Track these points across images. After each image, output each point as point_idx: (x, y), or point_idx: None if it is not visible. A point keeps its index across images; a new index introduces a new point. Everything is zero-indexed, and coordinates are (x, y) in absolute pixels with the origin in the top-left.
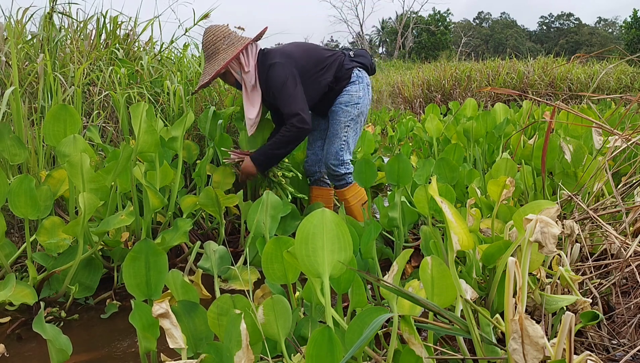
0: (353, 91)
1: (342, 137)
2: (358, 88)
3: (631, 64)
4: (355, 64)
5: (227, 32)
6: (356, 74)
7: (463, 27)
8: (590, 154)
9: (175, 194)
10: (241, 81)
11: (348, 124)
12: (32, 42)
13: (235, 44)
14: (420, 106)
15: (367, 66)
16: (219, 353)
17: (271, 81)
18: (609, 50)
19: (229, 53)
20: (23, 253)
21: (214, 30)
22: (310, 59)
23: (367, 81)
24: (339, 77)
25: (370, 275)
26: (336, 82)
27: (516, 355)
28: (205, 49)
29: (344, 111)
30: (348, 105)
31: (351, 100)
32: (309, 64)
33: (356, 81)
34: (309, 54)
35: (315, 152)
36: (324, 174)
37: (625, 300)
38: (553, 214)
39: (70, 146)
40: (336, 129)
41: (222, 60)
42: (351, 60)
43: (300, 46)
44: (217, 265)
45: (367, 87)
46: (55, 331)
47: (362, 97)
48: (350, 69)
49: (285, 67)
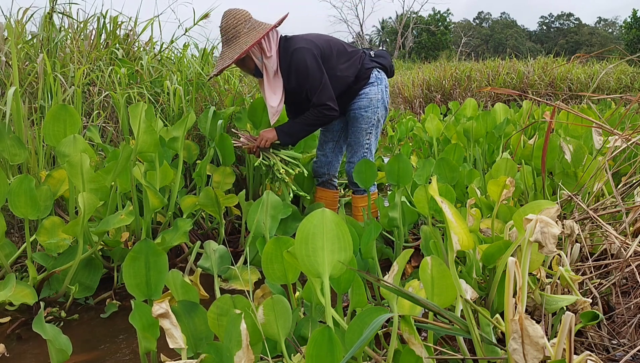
0: (372, 94)
1: (364, 145)
2: (377, 90)
3: (631, 64)
4: (375, 64)
5: (247, 16)
6: (375, 75)
7: (463, 27)
8: (590, 154)
9: (176, 194)
10: (262, 68)
11: (370, 131)
12: (32, 42)
13: (257, 29)
14: (420, 106)
15: (386, 68)
16: (219, 353)
17: (295, 66)
18: (609, 50)
19: (251, 37)
20: (23, 253)
21: (234, 13)
22: (332, 50)
23: (386, 83)
24: (359, 76)
25: (370, 275)
26: (355, 81)
27: (516, 355)
28: (224, 32)
29: (364, 117)
30: (368, 110)
31: (370, 104)
32: (332, 55)
33: (375, 82)
34: (332, 45)
35: (326, 154)
36: (332, 176)
37: (625, 300)
38: (553, 214)
39: (70, 146)
40: (358, 137)
41: (244, 44)
42: (371, 60)
43: (322, 37)
44: (217, 264)
45: (385, 89)
46: (55, 331)
47: (381, 100)
48: (370, 69)
49: (310, 53)
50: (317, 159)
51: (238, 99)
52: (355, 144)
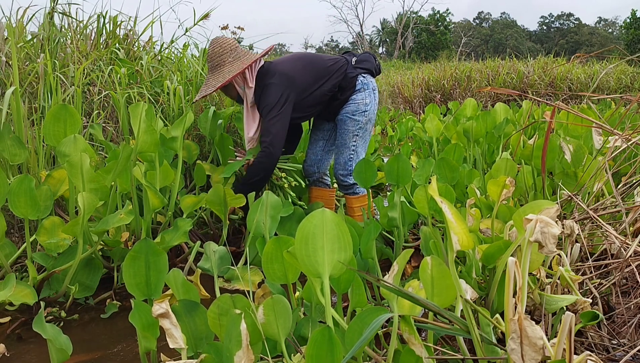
0: (359, 99)
1: (350, 147)
2: (364, 96)
3: (631, 64)
4: (359, 70)
5: (234, 45)
6: (361, 81)
7: (463, 27)
8: (590, 154)
9: (176, 194)
10: (243, 96)
11: (357, 133)
12: (33, 42)
13: (242, 59)
14: (420, 106)
15: (371, 71)
16: (219, 353)
17: (262, 102)
18: (609, 50)
19: (235, 67)
20: (23, 253)
21: (220, 42)
22: (310, 74)
23: (373, 86)
24: (344, 86)
25: (370, 275)
26: (341, 91)
27: (514, 355)
28: (210, 60)
29: (352, 120)
30: (356, 114)
31: (358, 108)
32: (309, 81)
33: (361, 88)
34: (310, 69)
35: (316, 152)
36: (322, 174)
37: (625, 300)
38: (553, 214)
39: (70, 146)
40: (345, 139)
41: (227, 73)
42: (355, 67)
43: (302, 60)
44: (217, 265)
45: (373, 92)
46: (55, 331)
47: (369, 104)
48: (355, 77)
49: (278, 90)
50: (307, 158)
51: None
52: (342, 146)
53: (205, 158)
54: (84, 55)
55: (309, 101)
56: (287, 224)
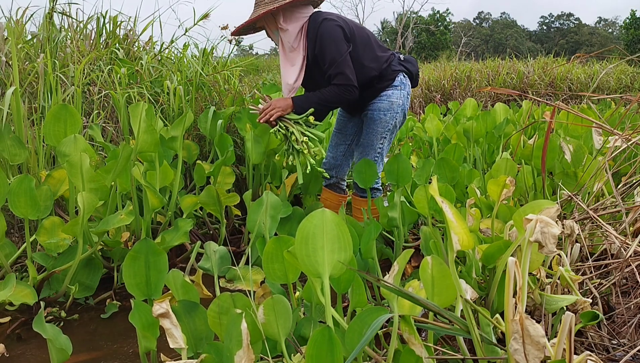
0: (394, 98)
1: (377, 149)
2: (399, 95)
3: (631, 64)
4: (402, 68)
5: None
6: (400, 80)
7: (463, 27)
8: (590, 154)
9: (176, 194)
10: (277, 42)
11: (384, 135)
12: (32, 42)
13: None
14: (420, 106)
15: (412, 75)
16: (219, 353)
17: (321, 33)
18: (609, 50)
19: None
20: (23, 253)
21: None
22: (363, 38)
23: (409, 90)
24: (384, 75)
25: (370, 275)
26: (379, 79)
27: (517, 355)
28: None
29: (382, 120)
30: (387, 113)
31: (391, 108)
32: (361, 43)
33: (399, 86)
34: (364, 34)
35: (336, 157)
36: (339, 180)
37: (625, 300)
38: (553, 214)
39: (70, 146)
40: (372, 139)
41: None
42: (400, 63)
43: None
44: (218, 265)
45: (407, 96)
46: (55, 331)
47: (402, 106)
48: (397, 72)
49: (338, 25)
50: (326, 160)
51: (238, 99)
52: (368, 146)
53: (205, 158)
54: (84, 55)
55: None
56: (287, 224)
